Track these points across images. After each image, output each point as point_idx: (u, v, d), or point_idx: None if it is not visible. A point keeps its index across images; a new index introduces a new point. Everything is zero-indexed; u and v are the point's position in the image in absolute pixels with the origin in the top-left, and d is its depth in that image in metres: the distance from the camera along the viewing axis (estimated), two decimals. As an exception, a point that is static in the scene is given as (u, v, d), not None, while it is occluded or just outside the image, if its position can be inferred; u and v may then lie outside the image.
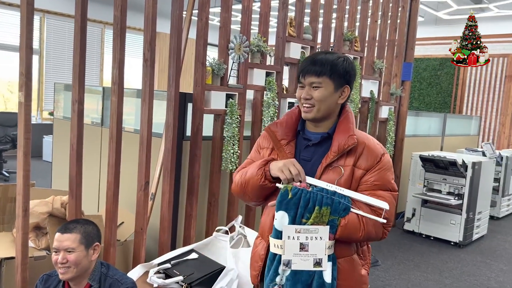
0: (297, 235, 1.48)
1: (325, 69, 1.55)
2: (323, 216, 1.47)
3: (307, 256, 1.49)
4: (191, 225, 3.05)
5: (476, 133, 7.92)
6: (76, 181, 2.45)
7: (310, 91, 1.57)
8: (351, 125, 1.60)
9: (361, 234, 1.50)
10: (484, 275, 3.96)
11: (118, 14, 2.49)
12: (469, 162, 4.64)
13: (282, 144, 1.63)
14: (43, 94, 9.12)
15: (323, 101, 1.57)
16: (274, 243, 1.52)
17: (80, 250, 1.89)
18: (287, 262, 1.49)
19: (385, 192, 1.55)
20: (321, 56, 1.58)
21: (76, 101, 2.39)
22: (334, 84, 1.57)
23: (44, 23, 9.01)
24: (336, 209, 1.48)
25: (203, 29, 2.95)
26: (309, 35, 3.81)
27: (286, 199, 1.48)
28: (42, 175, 6.91)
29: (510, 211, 6.39)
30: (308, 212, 1.48)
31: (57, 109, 4.97)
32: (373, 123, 4.74)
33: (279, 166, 1.53)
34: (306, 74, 1.57)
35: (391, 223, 1.57)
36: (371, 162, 1.55)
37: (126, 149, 3.19)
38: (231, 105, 3.14)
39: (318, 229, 1.48)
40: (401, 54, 5.08)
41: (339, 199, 1.48)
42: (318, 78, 1.55)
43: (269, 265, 1.54)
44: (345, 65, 1.59)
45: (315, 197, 1.47)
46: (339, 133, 1.58)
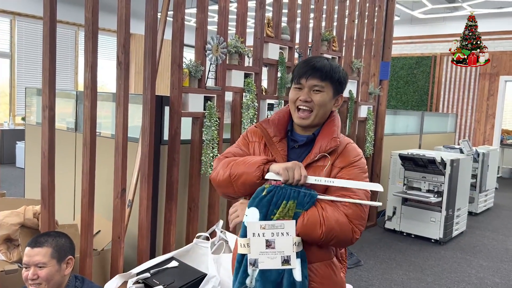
0: (262, 231, 1.42)
1: (329, 74, 1.54)
2: (289, 210, 1.42)
3: (274, 253, 1.42)
4: (170, 231, 2.97)
5: (452, 131, 8.05)
6: (49, 189, 2.34)
7: (311, 94, 1.54)
8: (335, 128, 1.58)
9: (321, 230, 1.42)
10: (464, 271, 4.00)
11: (90, 16, 2.40)
12: (447, 160, 4.69)
13: (275, 142, 1.60)
14: (15, 99, 8.86)
15: (322, 106, 1.55)
16: (240, 242, 1.46)
17: (52, 264, 1.80)
18: (253, 262, 1.43)
19: (358, 190, 1.50)
20: (324, 61, 1.56)
21: (47, 107, 2.28)
22: (333, 91, 1.57)
23: (14, 26, 8.75)
24: (301, 201, 1.43)
25: (179, 30, 2.88)
26: (287, 36, 3.77)
27: (260, 196, 1.44)
28: (15, 183, 6.70)
29: (487, 206, 6.51)
30: (275, 208, 1.43)
31: (30, 115, 4.82)
32: (352, 122, 4.74)
33: (287, 165, 1.45)
34: (309, 76, 1.53)
35: (362, 221, 1.48)
36: (347, 161, 1.54)
37: (103, 155, 3.09)
38: (210, 108, 3.08)
39: (284, 224, 1.42)
40: (379, 53, 5.11)
41: (305, 191, 1.44)
42: (322, 82, 1.54)
43: (237, 267, 1.48)
44: (344, 74, 1.59)
45: (285, 192, 1.43)
46: (323, 135, 1.56)
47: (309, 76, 1.53)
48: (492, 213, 6.37)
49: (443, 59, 9.90)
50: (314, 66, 1.54)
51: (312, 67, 1.54)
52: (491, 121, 9.46)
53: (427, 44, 10.19)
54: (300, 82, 1.55)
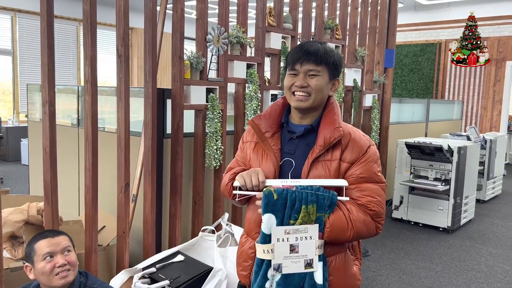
0: (287, 236, 1.41)
1: (323, 58, 1.50)
2: (310, 214, 1.41)
3: (297, 258, 1.42)
4: (176, 226, 2.95)
5: (459, 118, 7.96)
6: (51, 186, 2.31)
7: (306, 79, 1.50)
8: (336, 117, 1.54)
9: (350, 234, 1.45)
10: (473, 259, 3.96)
11: (88, 8, 2.35)
12: (454, 147, 4.63)
13: (267, 137, 1.57)
14: (19, 96, 8.85)
15: (320, 90, 1.51)
16: (262, 249, 1.43)
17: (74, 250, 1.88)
18: (277, 267, 1.42)
19: (372, 185, 1.49)
20: (317, 45, 1.52)
21: (47, 102, 2.25)
22: (329, 75, 1.53)
23: (15, 23, 8.72)
24: (322, 205, 1.42)
25: (179, 22, 2.83)
26: (289, 25, 3.71)
27: (272, 201, 1.40)
28: (21, 180, 6.71)
29: (495, 193, 6.44)
30: (295, 213, 1.41)
31: (33, 111, 4.80)
32: (357, 112, 4.68)
33: (243, 173, 1.50)
34: (303, 61, 1.49)
35: (383, 216, 1.51)
36: (356, 154, 1.49)
37: (108, 150, 3.07)
38: (212, 100, 3.03)
39: (308, 228, 1.41)
40: (383, 41, 5.03)
41: (323, 194, 1.42)
42: (317, 66, 1.50)
43: (257, 270, 1.46)
44: (338, 57, 1.55)
45: (300, 196, 1.41)
46: (325, 125, 1.52)
47: (304, 61, 1.49)
48: (501, 200, 6.31)
49: (448, 45, 9.77)
50: (308, 50, 1.50)
51: (306, 51, 1.50)
52: (498, 107, 9.35)
53: (431, 31, 10.05)
54: (294, 68, 1.52)
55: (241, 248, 1.64)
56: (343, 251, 1.54)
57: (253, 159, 1.59)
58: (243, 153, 1.66)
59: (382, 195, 1.51)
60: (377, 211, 1.48)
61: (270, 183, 1.46)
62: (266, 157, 1.55)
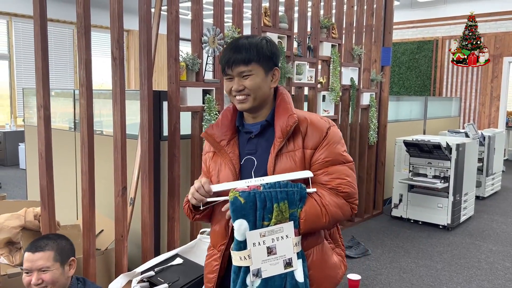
0: (263, 239, 1.36)
1: (252, 55, 1.44)
2: (283, 212, 1.37)
3: (276, 259, 1.37)
4: (174, 228, 2.93)
5: (457, 115, 7.95)
6: (48, 190, 2.30)
7: (241, 81, 1.46)
8: (288, 106, 1.50)
9: (326, 219, 1.40)
10: (474, 257, 3.95)
11: (81, 11, 2.34)
12: (453, 144, 4.62)
13: (223, 146, 1.53)
14: (16, 100, 8.83)
15: (257, 89, 1.47)
16: (239, 256, 1.38)
17: (56, 268, 1.77)
18: (256, 272, 1.37)
19: (339, 166, 1.45)
20: (243, 42, 1.46)
21: (42, 106, 2.24)
22: (264, 69, 1.47)
23: (11, 27, 8.70)
24: (293, 200, 1.38)
25: (173, 23, 2.82)
26: (285, 24, 3.70)
27: (240, 206, 1.36)
28: (19, 185, 6.69)
29: (495, 190, 6.44)
30: (268, 213, 1.36)
31: (29, 115, 4.78)
32: (355, 110, 4.67)
33: (190, 192, 1.49)
34: (232, 65, 1.45)
35: (356, 196, 1.47)
36: (317, 139, 1.46)
37: (107, 153, 3.05)
38: (209, 101, 3.02)
39: (283, 227, 1.37)
40: (379, 39, 5.02)
41: (292, 189, 1.38)
42: (247, 66, 1.44)
43: (235, 278, 1.40)
44: (270, 46, 1.48)
45: (270, 195, 1.36)
46: (279, 116, 1.49)
47: (233, 64, 1.45)
48: (500, 196, 6.31)
49: (445, 42, 9.77)
50: (235, 51, 1.45)
51: (233, 52, 1.45)
52: (496, 104, 9.34)
53: (428, 28, 10.04)
54: (227, 73, 1.48)
55: (207, 259, 1.60)
56: (320, 242, 1.50)
57: (212, 169, 1.56)
58: (205, 165, 1.62)
59: (351, 174, 1.47)
60: (349, 192, 1.44)
61: (234, 185, 1.41)
62: (224, 165, 1.52)
